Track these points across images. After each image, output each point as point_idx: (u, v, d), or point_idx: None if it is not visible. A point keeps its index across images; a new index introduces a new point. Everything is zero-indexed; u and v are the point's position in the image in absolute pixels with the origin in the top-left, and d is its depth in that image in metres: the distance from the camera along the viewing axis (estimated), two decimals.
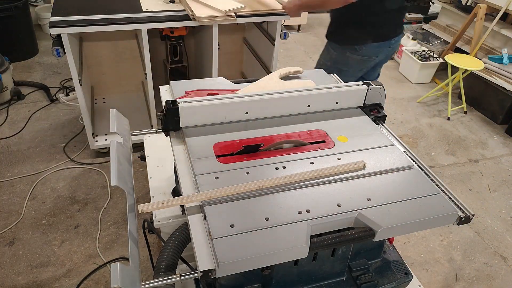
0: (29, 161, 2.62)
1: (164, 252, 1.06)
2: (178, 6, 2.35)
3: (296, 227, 0.90)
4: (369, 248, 1.18)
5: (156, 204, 0.97)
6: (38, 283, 1.92)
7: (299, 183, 1.03)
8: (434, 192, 1.03)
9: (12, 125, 2.95)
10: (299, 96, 1.28)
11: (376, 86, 1.34)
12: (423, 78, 3.95)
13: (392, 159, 1.13)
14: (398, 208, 0.97)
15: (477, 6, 3.55)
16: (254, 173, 1.05)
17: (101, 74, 3.04)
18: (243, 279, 1.04)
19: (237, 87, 1.39)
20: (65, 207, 2.32)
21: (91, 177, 2.53)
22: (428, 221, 0.97)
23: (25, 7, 3.66)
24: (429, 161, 2.90)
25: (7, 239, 2.11)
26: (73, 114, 3.09)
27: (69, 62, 2.16)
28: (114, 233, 2.18)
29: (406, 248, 2.24)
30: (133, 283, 0.81)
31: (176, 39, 2.68)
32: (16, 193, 2.39)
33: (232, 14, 2.23)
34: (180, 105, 1.17)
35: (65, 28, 2.03)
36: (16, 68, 3.59)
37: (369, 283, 1.15)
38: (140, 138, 1.60)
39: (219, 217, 0.92)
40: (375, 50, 2.08)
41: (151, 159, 1.72)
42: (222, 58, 2.87)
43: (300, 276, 1.10)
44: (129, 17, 2.18)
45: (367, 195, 1.00)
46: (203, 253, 0.85)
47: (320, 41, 4.68)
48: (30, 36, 3.81)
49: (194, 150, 1.12)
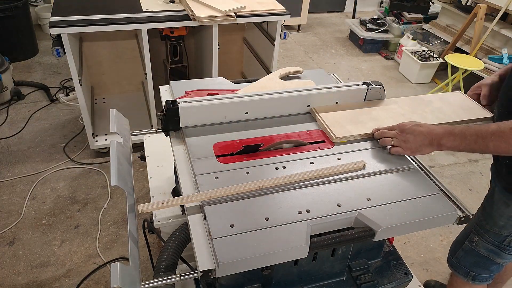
0: (29, 161, 2.62)
1: (164, 252, 1.06)
2: (178, 6, 2.35)
3: (296, 227, 0.90)
4: (369, 248, 1.18)
5: (156, 204, 0.97)
6: (38, 283, 1.92)
7: (299, 183, 1.03)
8: (434, 192, 1.03)
9: (12, 125, 2.95)
10: (299, 96, 1.28)
11: (376, 86, 1.34)
12: (423, 78, 3.95)
13: (391, 159, 1.13)
14: (398, 208, 0.97)
15: (477, 6, 3.55)
16: (254, 173, 1.05)
17: (101, 74, 3.04)
18: (243, 279, 1.04)
19: (237, 87, 1.39)
20: (65, 207, 2.32)
21: (91, 177, 2.53)
22: (428, 221, 0.97)
23: (25, 7, 3.66)
24: (429, 161, 2.90)
25: (7, 239, 2.11)
26: (73, 114, 3.09)
27: (69, 62, 2.16)
28: (114, 233, 2.18)
29: (406, 248, 2.24)
30: (133, 283, 0.81)
31: (176, 39, 2.68)
32: (16, 193, 2.39)
33: (232, 14, 2.23)
34: (180, 105, 1.17)
35: (65, 28, 2.03)
36: (16, 68, 3.59)
37: (369, 283, 1.15)
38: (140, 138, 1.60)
39: (219, 217, 0.92)
40: None
41: (151, 159, 1.72)
42: (222, 58, 2.87)
43: (300, 276, 1.10)
44: (129, 17, 2.18)
45: (367, 195, 1.00)
46: (203, 253, 0.85)
47: (320, 41, 4.69)
48: (30, 36, 3.81)
49: (194, 150, 1.12)
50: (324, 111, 1.28)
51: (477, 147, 1.00)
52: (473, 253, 1.39)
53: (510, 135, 0.96)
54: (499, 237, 1.30)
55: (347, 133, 1.19)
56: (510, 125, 0.96)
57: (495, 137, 0.97)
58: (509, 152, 0.99)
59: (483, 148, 1.00)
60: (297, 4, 4.50)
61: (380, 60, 4.39)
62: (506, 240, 1.29)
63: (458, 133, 1.02)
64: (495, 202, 1.27)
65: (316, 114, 1.27)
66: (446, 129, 1.04)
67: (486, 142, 0.98)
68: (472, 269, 1.43)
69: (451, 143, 1.03)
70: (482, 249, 1.36)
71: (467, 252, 1.41)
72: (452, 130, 1.03)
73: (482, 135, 0.99)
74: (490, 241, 1.33)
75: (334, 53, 4.46)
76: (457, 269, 1.48)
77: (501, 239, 1.30)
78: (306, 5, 4.55)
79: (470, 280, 1.45)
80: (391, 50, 4.56)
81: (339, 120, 1.24)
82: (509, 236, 1.28)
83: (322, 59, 4.29)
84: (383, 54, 4.48)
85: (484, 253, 1.36)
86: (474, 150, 1.02)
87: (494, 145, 0.98)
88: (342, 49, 4.57)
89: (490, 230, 1.32)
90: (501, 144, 0.97)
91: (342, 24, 5.18)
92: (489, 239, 1.33)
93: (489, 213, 1.31)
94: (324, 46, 4.59)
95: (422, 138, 1.06)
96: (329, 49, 4.53)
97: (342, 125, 1.22)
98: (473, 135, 1.00)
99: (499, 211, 1.26)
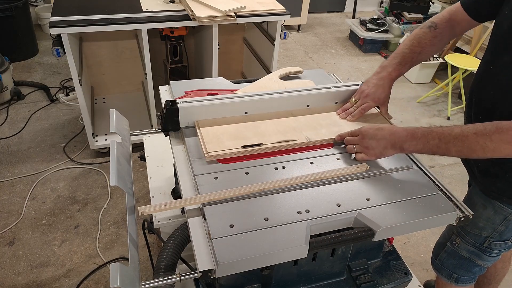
0: (29, 161, 2.62)
1: (164, 252, 1.06)
2: (178, 6, 2.35)
3: (295, 227, 0.90)
4: (369, 248, 1.18)
5: (156, 206, 0.97)
6: (38, 283, 1.92)
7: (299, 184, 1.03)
8: (434, 192, 1.03)
9: (12, 125, 2.95)
10: (298, 96, 1.28)
11: None
12: (423, 78, 3.95)
13: (391, 159, 1.13)
14: (397, 208, 0.97)
15: None
16: (254, 173, 1.05)
17: (101, 74, 3.04)
18: (242, 279, 1.04)
19: (237, 87, 1.39)
20: (65, 207, 2.32)
21: (91, 177, 2.53)
22: (428, 221, 0.96)
23: (25, 7, 3.66)
24: (429, 161, 2.90)
25: (7, 239, 2.11)
26: (73, 114, 3.10)
27: (69, 62, 2.16)
28: (114, 233, 2.18)
29: (406, 248, 2.24)
30: (133, 283, 0.81)
31: (176, 39, 2.68)
32: (16, 193, 2.39)
33: (232, 14, 2.23)
34: (180, 105, 1.17)
35: (65, 28, 2.03)
36: (16, 68, 3.59)
37: (369, 283, 1.15)
38: (140, 138, 1.60)
39: (219, 217, 0.92)
40: None
41: (151, 159, 1.72)
42: (222, 58, 2.87)
43: (299, 276, 1.10)
44: (129, 17, 2.18)
45: (366, 195, 1.00)
46: (203, 253, 0.85)
47: (320, 41, 4.69)
48: (30, 36, 3.81)
49: (194, 150, 1.12)
50: (209, 125, 1.19)
51: (440, 151, 0.98)
52: (455, 255, 1.38)
53: (473, 140, 0.93)
54: (480, 238, 1.29)
55: (222, 149, 1.10)
56: (473, 130, 0.94)
57: (458, 141, 0.94)
58: (471, 157, 0.97)
59: (446, 152, 0.97)
60: (297, 4, 4.50)
61: (380, 60, 4.39)
62: (486, 241, 1.28)
63: (421, 137, 0.99)
64: (474, 204, 1.26)
65: (197, 129, 1.17)
66: (409, 132, 1.01)
67: (449, 146, 0.96)
68: (454, 271, 1.41)
69: (413, 148, 1.01)
70: (464, 251, 1.34)
71: (450, 254, 1.40)
72: (414, 133, 1.00)
73: (444, 139, 0.96)
74: (471, 243, 1.31)
75: (334, 53, 4.46)
76: (440, 271, 1.46)
77: (482, 240, 1.29)
78: (306, 5, 4.55)
79: (454, 282, 1.43)
80: (391, 50, 4.55)
81: (219, 136, 1.15)
82: (489, 237, 1.27)
83: (322, 59, 4.29)
84: (383, 54, 4.48)
85: (466, 254, 1.35)
86: (437, 154, 0.99)
87: (457, 150, 0.95)
88: (342, 49, 4.57)
89: (470, 232, 1.30)
90: (464, 150, 0.95)
91: (342, 24, 5.17)
92: (470, 240, 1.31)
93: None
94: (324, 46, 4.59)
95: (384, 142, 1.04)
96: (329, 49, 4.53)
97: (221, 141, 1.13)
98: (435, 138, 0.97)
99: (478, 213, 1.24)
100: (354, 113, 1.26)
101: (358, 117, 1.26)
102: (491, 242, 1.28)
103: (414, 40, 1.26)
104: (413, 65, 1.31)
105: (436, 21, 1.26)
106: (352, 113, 1.27)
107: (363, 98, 1.27)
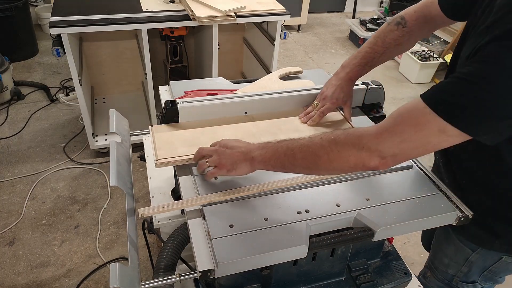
0: (29, 161, 2.63)
1: (164, 252, 1.06)
2: (178, 6, 2.35)
3: (295, 227, 0.90)
4: (369, 248, 1.18)
5: (156, 208, 0.97)
6: (38, 283, 1.92)
7: None
8: (434, 192, 1.03)
9: (12, 125, 2.95)
10: (298, 96, 1.28)
11: (375, 86, 1.34)
12: (423, 78, 3.95)
13: None
14: (397, 208, 0.97)
15: None
16: (254, 173, 1.05)
17: (101, 74, 3.04)
18: (242, 279, 1.04)
19: (237, 87, 1.39)
20: (65, 207, 2.32)
21: (91, 177, 2.53)
22: (427, 221, 0.96)
23: (25, 7, 3.66)
24: (429, 161, 2.89)
25: (7, 239, 2.11)
26: (73, 114, 3.10)
27: (69, 62, 2.17)
28: (114, 233, 2.18)
29: (406, 248, 2.24)
30: (132, 283, 0.81)
31: (176, 39, 2.68)
32: (16, 193, 2.39)
33: (232, 14, 2.23)
34: (180, 105, 1.17)
35: (65, 28, 2.03)
36: (16, 68, 3.60)
37: (369, 283, 1.15)
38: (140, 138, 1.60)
39: (218, 217, 0.92)
40: None
41: (151, 159, 1.71)
42: (222, 58, 2.87)
43: (299, 276, 1.10)
44: (129, 17, 2.18)
45: (366, 195, 1.00)
46: (202, 253, 0.86)
47: (320, 41, 4.69)
48: (30, 36, 3.81)
49: None
50: (167, 131, 1.14)
51: (287, 161, 0.88)
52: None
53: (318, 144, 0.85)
54: (447, 275, 1.21)
55: (173, 156, 1.05)
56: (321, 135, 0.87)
57: (304, 147, 0.87)
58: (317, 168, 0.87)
59: (292, 160, 0.87)
60: (297, 4, 4.50)
61: None
62: (454, 280, 1.19)
63: (272, 146, 0.91)
64: (437, 236, 1.19)
65: (151, 134, 1.12)
66: (264, 143, 0.94)
67: (295, 153, 0.87)
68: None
69: (262, 157, 0.91)
70: (435, 286, 1.26)
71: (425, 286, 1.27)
72: (268, 143, 0.93)
73: (292, 144, 0.88)
74: (440, 279, 1.23)
75: (334, 53, 4.46)
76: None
77: (449, 278, 1.20)
78: (306, 5, 4.55)
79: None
80: None
81: (174, 142, 1.09)
82: (455, 276, 1.18)
83: (322, 59, 4.29)
84: None
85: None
86: (285, 166, 0.89)
87: (302, 157, 0.86)
88: (342, 49, 4.56)
89: (438, 267, 1.22)
90: (308, 156, 0.86)
91: (342, 24, 5.17)
92: (439, 276, 1.23)
93: (435, 248, 1.24)
94: (324, 46, 4.59)
95: (238, 154, 0.94)
96: (329, 49, 4.53)
97: (174, 147, 1.07)
98: (284, 146, 0.89)
99: (442, 247, 1.17)
100: (314, 117, 1.20)
101: (318, 120, 1.20)
102: (458, 282, 1.20)
103: (378, 39, 1.15)
104: (375, 66, 1.19)
105: (407, 18, 1.11)
106: (313, 117, 1.21)
107: (322, 100, 1.21)
